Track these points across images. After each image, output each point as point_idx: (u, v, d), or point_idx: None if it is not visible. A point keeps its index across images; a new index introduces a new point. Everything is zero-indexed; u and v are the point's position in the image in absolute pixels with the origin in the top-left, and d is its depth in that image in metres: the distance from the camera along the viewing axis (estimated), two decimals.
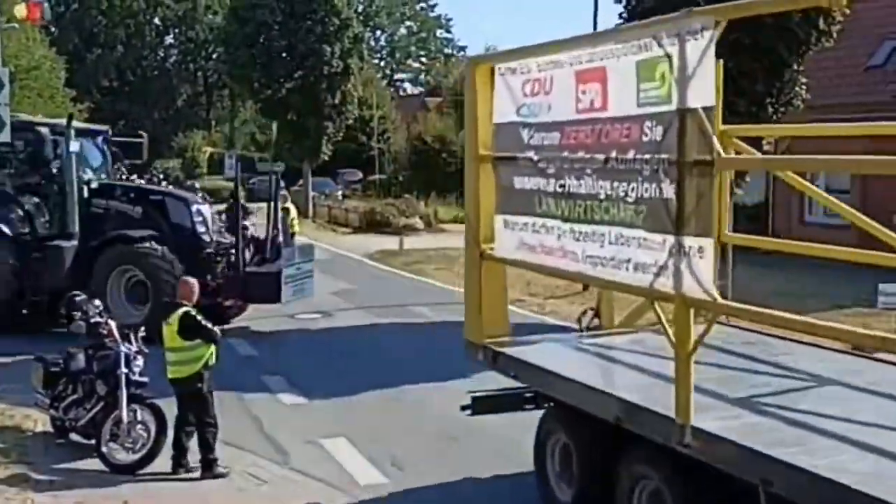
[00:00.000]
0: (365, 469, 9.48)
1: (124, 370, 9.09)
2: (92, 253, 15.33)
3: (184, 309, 9.02)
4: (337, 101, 41.57)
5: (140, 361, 9.34)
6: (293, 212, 23.33)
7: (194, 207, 16.01)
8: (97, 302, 10.28)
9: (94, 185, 16.19)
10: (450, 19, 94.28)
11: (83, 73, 71.89)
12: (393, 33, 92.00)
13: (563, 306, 18.30)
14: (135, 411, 9.13)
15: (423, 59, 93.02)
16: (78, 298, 10.26)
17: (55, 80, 45.05)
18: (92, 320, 9.80)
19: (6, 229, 15.58)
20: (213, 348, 9.05)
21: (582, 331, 8.96)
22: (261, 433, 10.68)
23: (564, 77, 7.26)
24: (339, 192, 50.82)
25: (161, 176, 41.10)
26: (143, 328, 9.91)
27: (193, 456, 9.06)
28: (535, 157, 7.57)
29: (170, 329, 8.95)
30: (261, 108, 45.78)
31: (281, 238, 16.59)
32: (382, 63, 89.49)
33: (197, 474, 9.00)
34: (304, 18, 39.90)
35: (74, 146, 15.49)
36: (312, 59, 40.02)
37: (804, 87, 17.32)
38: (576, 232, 7.15)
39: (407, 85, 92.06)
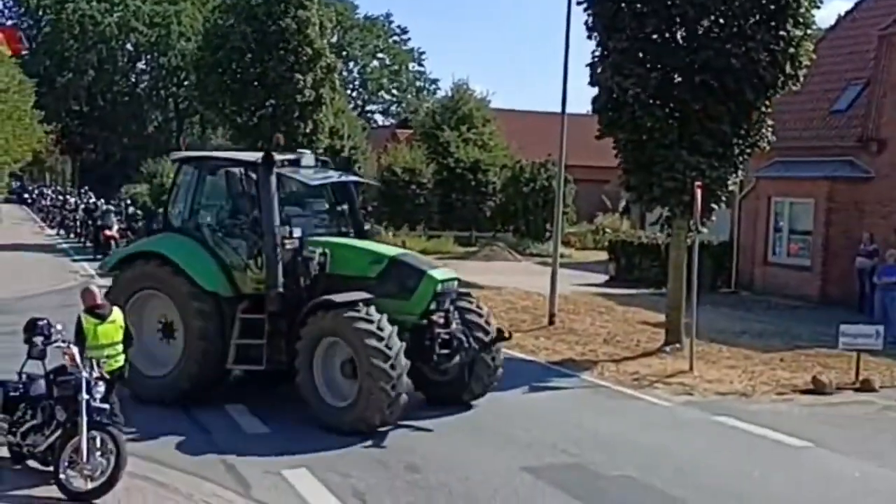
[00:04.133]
0: (326, 500, 9.38)
1: (85, 396, 8.96)
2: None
3: (118, 308, 10.10)
4: (308, 130, 41.50)
5: (101, 387, 9.19)
6: None
7: None
8: (59, 326, 10.15)
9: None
10: (422, 53, 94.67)
11: (53, 97, 71.61)
12: (365, 65, 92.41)
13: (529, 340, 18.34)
14: (94, 438, 8.98)
15: (395, 91, 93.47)
16: (40, 322, 10.12)
17: (24, 102, 44.66)
18: (54, 345, 9.69)
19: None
20: None
21: None
22: (222, 462, 10.56)
23: None
24: None
25: (128, 201, 40.96)
26: None
27: None
28: None
29: (113, 325, 9.87)
30: (232, 134, 45.67)
31: None
32: (354, 94, 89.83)
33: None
34: (277, 48, 39.94)
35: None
36: (285, 87, 40.01)
37: (770, 128, 17.56)
38: None
39: (378, 116, 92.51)
